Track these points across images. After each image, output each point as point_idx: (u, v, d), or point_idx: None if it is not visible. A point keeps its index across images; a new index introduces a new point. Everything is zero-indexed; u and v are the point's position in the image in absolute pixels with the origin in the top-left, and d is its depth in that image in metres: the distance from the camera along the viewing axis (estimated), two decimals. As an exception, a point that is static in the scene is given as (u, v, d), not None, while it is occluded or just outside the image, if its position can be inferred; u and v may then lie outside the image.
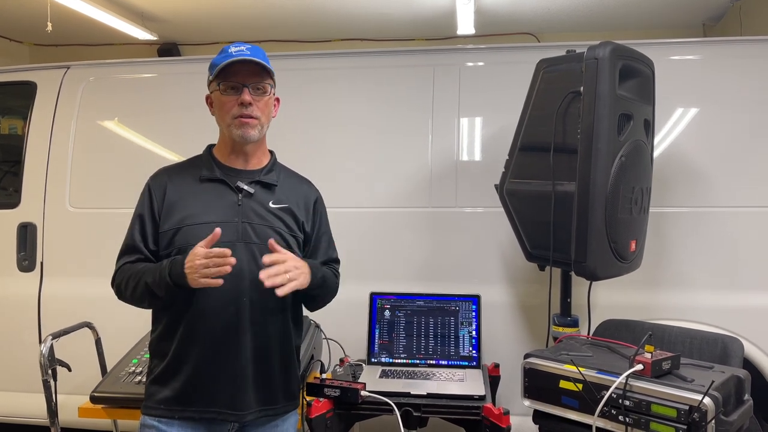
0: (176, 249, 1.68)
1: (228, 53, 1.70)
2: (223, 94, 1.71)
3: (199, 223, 1.69)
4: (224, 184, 1.75)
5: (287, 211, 1.79)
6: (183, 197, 1.73)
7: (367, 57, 3.00)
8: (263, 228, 1.73)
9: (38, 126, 3.14)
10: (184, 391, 1.68)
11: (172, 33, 5.88)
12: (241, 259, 1.65)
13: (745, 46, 2.74)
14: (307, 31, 5.86)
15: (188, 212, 1.71)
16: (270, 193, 1.79)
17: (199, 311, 1.66)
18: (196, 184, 1.75)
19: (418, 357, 2.48)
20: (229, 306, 1.68)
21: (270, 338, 1.75)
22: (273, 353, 1.76)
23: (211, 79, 1.74)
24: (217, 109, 1.74)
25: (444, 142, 2.84)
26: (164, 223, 1.71)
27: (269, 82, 1.75)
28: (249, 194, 1.75)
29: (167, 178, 1.76)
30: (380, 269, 2.83)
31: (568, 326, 2.33)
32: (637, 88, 2.23)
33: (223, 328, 1.68)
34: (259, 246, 1.70)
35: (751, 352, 2.53)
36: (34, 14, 5.37)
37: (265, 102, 1.74)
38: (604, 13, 5.27)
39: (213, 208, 1.71)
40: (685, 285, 2.65)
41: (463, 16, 4.86)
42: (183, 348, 1.68)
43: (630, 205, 2.15)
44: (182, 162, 1.84)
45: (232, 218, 1.71)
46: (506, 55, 2.89)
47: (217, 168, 1.77)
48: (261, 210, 1.75)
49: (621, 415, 1.66)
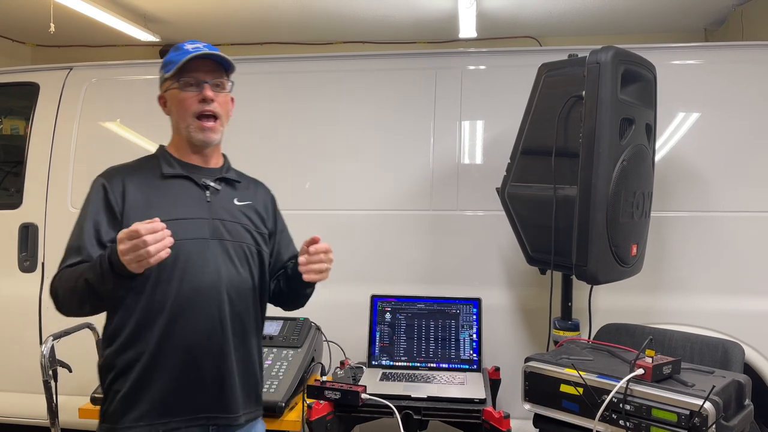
0: None
1: (185, 50, 1.63)
2: (182, 90, 1.62)
3: (170, 219, 1.53)
4: (189, 181, 1.66)
5: (251, 209, 1.75)
6: (147, 194, 1.61)
7: (369, 60, 3.00)
8: (234, 225, 1.68)
9: (40, 127, 3.14)
10: (166, 400, 1.55)
11: (174, 34, 5.88)
12: (217, 255, 1.61)
13: (747, 51, 2.75)
14: (309, 33, 5.87)
15: (156, 209, 1.58)
16: (234, 191, 1.74)
17: (175, 312, 1.56)
18: (158, 181, 1.64)
19: (418, 360, 2.48)
20: (210, 304, 1.59)
21: (249, 335, 1.69)
22: (252, 352, 1.70)
23: (166, 76, 1.65)
24: (175, 108, 1.66)
25: (446, 145, 2.84)
26: (129, 220, 1.53)
27: (227, 79, 1.70)
28: (216, 191, 1.68)
29: (123, 176, 1.63)
30: (381, 272, 2.83)
31: (568, 330, 2.33)
32: (639, 92, 2.23)
33: (206, 327, 1.59)
34: (232, 243, 1.65)
35: (752, 357, 2.53)
36: (37, 15, 5.38)
37: (224, 99, 1.68)
38: (606, 16, 5.27)
39: (182, 204, 1.62)
40: (686, 289, 2.65)
41: (465, 19, 4.87)
42: (158, 354, 1.55)
43: (631, 210, 2.15)
44: (135, 161, 1.71)
45: (202, 215, 1.63)
46: (508, 58, 2.90)
47: (178, 165, 1.67)
48: (229, 207, 1.69)
49: (622, 419, 1.66)
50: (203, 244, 1.60)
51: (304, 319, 2.56)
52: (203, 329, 1.59)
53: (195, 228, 1.61)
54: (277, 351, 2.40)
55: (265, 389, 2.16)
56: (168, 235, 1.39)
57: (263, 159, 2.94)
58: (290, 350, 2.40)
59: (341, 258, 2.83)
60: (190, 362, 1.57)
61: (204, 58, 1.63)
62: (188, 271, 1.57)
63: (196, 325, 1.58)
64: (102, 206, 1.58)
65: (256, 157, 2.95)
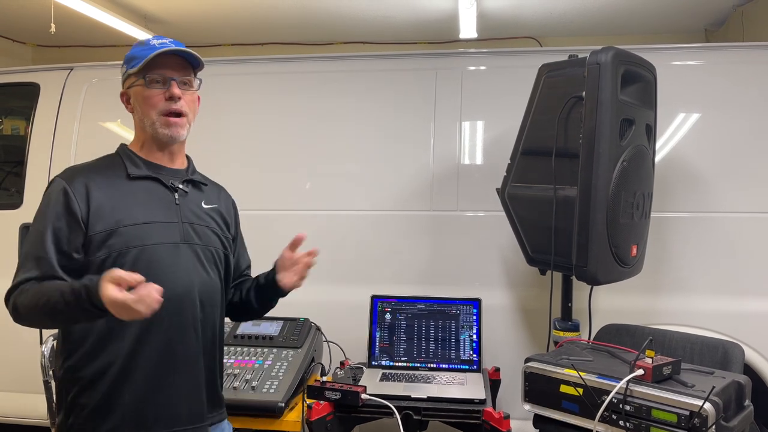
0: (116, 253, 1.47)
1: (151, 45, 1.56)
2: (148, 87, 1.55)
3: (138, 223, 1.51)
4: (157, 182, 1.59)
5: (217, 212, 1.71)
6: (113, 196, 1.52)
7: (369, 60, 3.01)
8: (202, 228, 1.63)
9: (41, 127, 3.15)
10: (140, 412, 1.49)
11: (174, 35, 5.87)
12: (188, 260, 1.57)
13: (747, 52, 2.75)
14: (310, 34, 5.87)
15: (124, 212, 1.51)
16: (200, 193, 1.68)
17: (149, 320, 1.39)
18: (124, 182, 1.55)
19: (418, 360, 2.48)
20: (184, 310, 1.54)
21: (216, 339, 1.66)
22: (216, 356, 1.67)
23: (130, 72, 1.57)
24: (140, 105, 1.57)
25: (446, 146, 2.84)
26: (94, 225, 1.47)
27: (194, 77, 1.63)
28: (184, 193, 1.62)
29: (85, 178, 1.52)
30: (381, 272, 2.83)
31: (568, 330, 2.33)
32: (639, 93, 2.23)
33: (180, 334, 1.54)
34: (201, 247, 1.61)
35: (752, 357, 2.53)
36: (38, 15, 5.39)
37: (191, 97, 1.61)
38: (606, 17, 5.28)
39: (151, 207, 1.55)
40: (687, 290, 2.65)
41: (465, 19, 4.87)
42: (131, 363, 1.48)
43: (631, 210, 2.15)
44: (96, 160, 1.62)
45: (172, 218, 1.57)
46: (508, 59, 2.90)
47: (144, 165, 1.60)
48: (197, 210, 1.64)
49: (621, 420, 1.66)
50: (174, 248, 1.55)
51: (304, 320, 2.56)
52: (177, 336, 1.54)
53: (165, 232, 1.55)
54: (277, 351, 2.40)
55: (264, 389, 2.17)
56: (156, 291, 1.29)
57: (263, 160, 2.94)
58: (290, 350, 2.40)
59: (341, 258, 2.85)
60: (163, 371, 1.52)
61: (171, 55, 1.56)
62: (160, 277, 1.47)
63: (170, 333, 1.53)
64: (63, 212, 1.48)
65: (256, 157, 2.95)
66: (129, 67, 1.58)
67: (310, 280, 2.84)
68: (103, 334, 1.49)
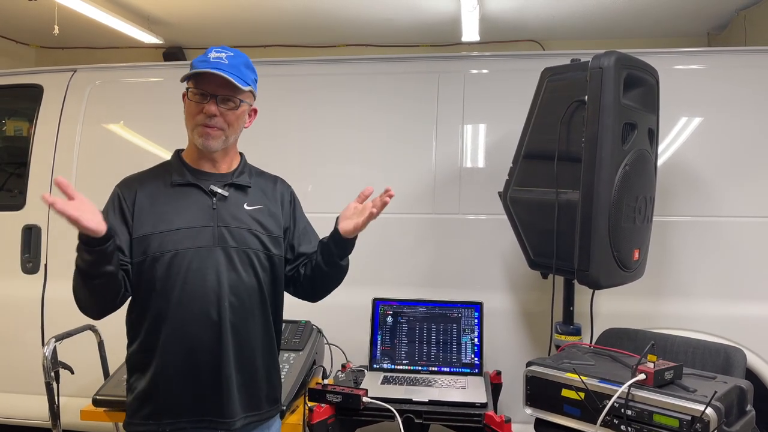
0: (150, 257, 1.62)
1: (207, 59, 1.64)
2: (191, 99, 1.65)
3: (173, 229, 1.63)
4: (197, 188, 1.69)
5: (263, 212, 1.75)
6: (154, 203, 1.66)
7: (371, 63, 3.01)
8: (240, 231, 1.68)
9: (44, 129, 3.15)
10: (172, 403, 1.62)
11: (177, 36, 5.90)
12: (219, 263, 1.64)
13: (750, 56, 2.75)
14: (312, 36, 5.88)
15: (161, 218, 1.64)
16: (244, 195, 1.74)
17: (179, 319, 1.61)
18: (168, 189, 1.69)
19: (420, 363, 2.48)
20: (210, 312, 1.62)
21: (252, 341, 1.70)
22: (256, 357, 1.71)
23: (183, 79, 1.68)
24: (186, 114, 1.69)
25: (448, 149, 2.84)
26: (136, 230, 1.63)
27: (241, 96, 1.67)
28: (224, 197, 1.70)
29: (138, 185, 1.69)
30: (383, 275, 2.83)
31: (570, 334, 2.33)
32: (642, 97, 2.23)
33: (206, 334, 1.62)
34: (236, 249, 1.66)
35: (754, 362, 2.52)
36: (41, 17, 5.40)
37: (234, 115, 1.67)
38: (609, 21, 5.28)
39: (186, 213, 1.66)
40: (689, 294, 2.64)
41: (468, 22, 4.87)
42: (165, 359, 1.62)
43: (633, 214, 2.15)
44: (152, 168, 1.77)
45: (207, 222, 1.66)
46: (511, 62, 2.90)
47: (188, 172, 1.71)
48: (237, 212, 1.70)
49: (623, 424, 1.66)
50: (205, 252, 1.63)
51: (305, 322, 2.56)
52: (203, 337, 1.62)
53: (198, 236, 1.63)
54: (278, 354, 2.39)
55: (266, 392, 2.16)
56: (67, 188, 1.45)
57: (263, 161, 2.93)
58: (292, 353, 2.40)
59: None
60: (191, 368, 1.62)
61: None
62: (189, 280, 1.61)
63: (197, 333, 1.62)
64: (117, 214, 1.65)
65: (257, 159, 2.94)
66: (185, 74, 1.67)
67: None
68: (146, 332, 1.64)
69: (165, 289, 1.61)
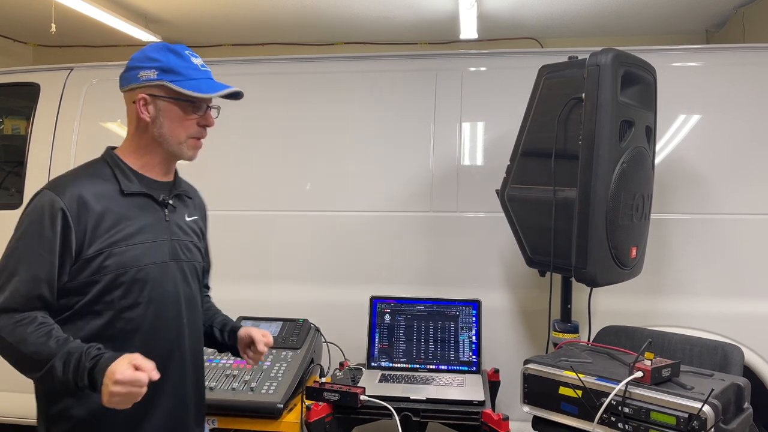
0: (111, 275, 1.46)
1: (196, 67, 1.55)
2: (183, 110, 1.53)
3: (133, 243, 1.49)
4: (149, 198, 1.56)
5: (197, 224, 1.71)
6: (107, 215, 1.47)
7: (369, 61, 3.00)
8: (186, 244, 1.63)
9: (41, 127, 3.15)
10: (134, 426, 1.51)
11: (175, 35, 5.89)
12: (175, 279, 1.58)
13: (748, 53, 2.75)
14: (310, 34, 5.87)
15: (120, 232, 1.48)
16: (184, 206, 1.67)
17: (140, 340, 1.49)
18: (118, 198, 1.50)
19: (417, 362, 2.48)
20: (171, 329, 1.57)
21: (201, 355, 1.70)
22: (202, 369, 1.71)
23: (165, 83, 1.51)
24: (168, 121, 1.53)
25: (446, 147, 2.84)
26: (89, 247, 1.43)
27: None
28: (173, 209, 1.62)
29: (80, 192, 1.45)
30: (381, 273, 2.83)
31: (568, 332, 2.33)
32: (639, 94, 2.23)
33: (169, 352, 1.56)
34: (186, 263, 1.62)
35: (752, 359, 2.52)
36: (38, 15, 5.39)
37: None
38: (607, 18, 5.28)
39: (144, 226, 1.53)
40: (686, 292, 2.64)
41: (466, 20, 4.87)
42: None
43: (631, 212, 2.15)
44: (85, 170, 1.55)
45: (162, 236, 1.56)
46: (508, 60, 2.90)
47: (135, 179, 1.55)
48: (182, 224, 1.64)
49: (620, 422, 1.66)
50: (163, 267, 1.56)
51: (303, 321, 2.56)
52: (166, 355, 1.55)
53: (157, 251, 1.55)
54: (276, 352, 2.40)
55: (263, 390, 2.17)
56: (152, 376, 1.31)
57: (263, 160, 2.94)
58: (289, 351, 2.40)
59: (341, 259, 2.85)
60: (154, 388, 1.47)
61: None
62: (153, 298, 1.52)
63: (159, 352, 1.51)
64: (55, 228, 1.42)
65: (256, 158, 2.95)
66: (168, 79, 1.51)
67: (311, 281, 2.85)
68: None
69: (128, 307, 1.48)
